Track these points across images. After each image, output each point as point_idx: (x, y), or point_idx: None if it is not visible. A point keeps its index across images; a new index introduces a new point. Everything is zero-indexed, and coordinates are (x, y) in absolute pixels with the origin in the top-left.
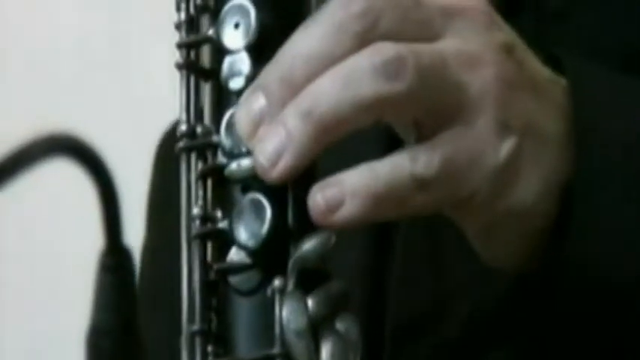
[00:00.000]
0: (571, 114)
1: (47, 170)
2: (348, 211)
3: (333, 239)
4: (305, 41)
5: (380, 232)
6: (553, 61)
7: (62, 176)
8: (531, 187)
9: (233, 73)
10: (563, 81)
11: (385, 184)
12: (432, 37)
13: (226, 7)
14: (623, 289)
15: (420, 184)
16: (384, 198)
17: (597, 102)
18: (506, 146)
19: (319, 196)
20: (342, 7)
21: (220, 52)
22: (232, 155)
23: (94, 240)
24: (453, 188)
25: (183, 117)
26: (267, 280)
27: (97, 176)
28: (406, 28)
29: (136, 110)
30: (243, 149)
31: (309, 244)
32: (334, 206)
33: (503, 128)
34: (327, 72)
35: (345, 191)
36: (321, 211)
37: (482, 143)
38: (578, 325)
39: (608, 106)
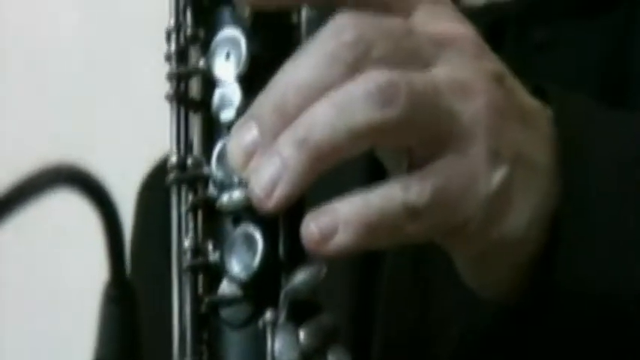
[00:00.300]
0: (557, 144)
1: (52, 201)
2: (342, 239)
3: (324, 271)
4: (297, 71)
5: (367, 259)
6: (539, 93)
7: (67, 207)
8: (523, 215)
9: (224, 105)
10: (549, 112)
11: (378, 213)
12: (423, 65)
13: (217, 38)
14: (612, 313)
15: (413, 212)
16: (377, 227)
17: (582, 130)
18: (498, 174)
19: (313, 225)
20: (333, 37)
21: (211, 83)
22: (223, 187)
23: (99, 271)
24: (445, 217)
25: (174, 148)
26: (258, 313)
27: (102, 207)
28: (398, 57)
29: (145, 147)
30: (235, 180)
31: (300, 277)
32: (328, 235)
33: (495, 157)
34: (320, 100)
35: (339, 220)
36: (315, 240)
37: (475, 171)
38: (567, 350)
39: (593, 134)
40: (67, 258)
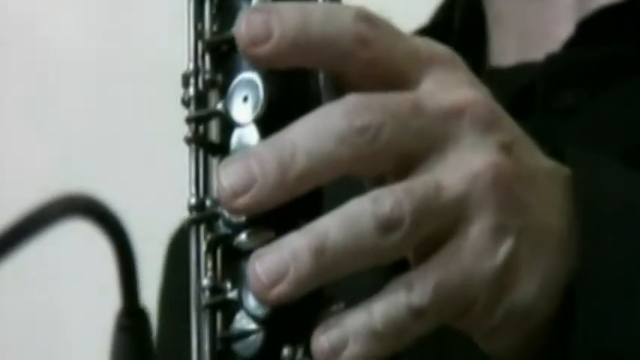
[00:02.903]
0: (572, 206)
1: (65, 230)
2: (352, 351)
3: (343, 307)
4: (306, 138)
5: None
6: (558, 154)
7: (80, 237)
8: (532, 284)
9: (241, 147)
10: (565, 172)
11: (383, 321)
12: (431, 146)
13: (235, 81)
14: None
15: (418, 313)
16: (384, 335)
17: (599, 191)
18: (504, 249)
19: (323, 339)
20: (345, 118)
21: (229, 125)
22: (231, 225)
23: (111, 301)
24: (450, 308)
25: (193, 190)
26: (275, 349)
27: (115, 237)
28: (406, 139)
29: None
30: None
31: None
32: (339, 348)
33: (500, 231)
34: (332, 214)
35: (348, 333)
36: (327, 354)
37: (479, 251)
38: None
39: (610, 195)
40: (79, 288)
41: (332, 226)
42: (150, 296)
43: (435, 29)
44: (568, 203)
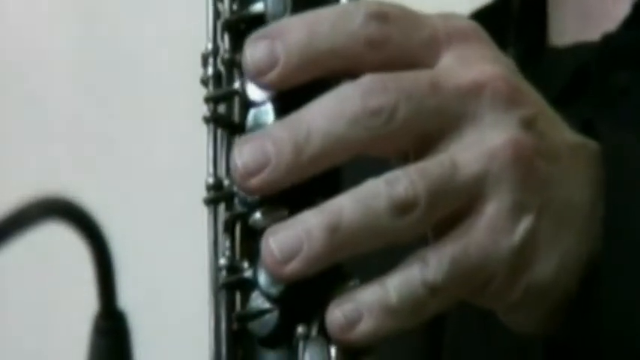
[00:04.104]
0: (600, 181)
1: (42, 233)
2: (367, 326)
3: (358, 284)
4: (319, 120)
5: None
6: (589, 130)
7: (57, 239)
8: (551, 264)
9: (257, 125)
10: (594, 147)
11: (398, 296)
12: (449, 125)
13: None
14: None
15: (433, 289)
16: (399, 310)
17: (629, 167)
18: (522, 227)
19: (338, 312)
20: (360, 99)
21: (246, 104)
22: (246, 203)
23: (88, 303)
24: (466, 285)
25: (210, 170)
26: (290, 327)
27: (92, 239)
28: (423, 119)
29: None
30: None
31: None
32: (353, 322)
33: (519, 209)
34: (348, 193)
35: (363, 307)
36: (342, 328)
37: (496, 230)
38: None
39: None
40: (57, 290)
41: (347, 206)
42: (128, 298)
43: (494, 9)
44: (594, 179)
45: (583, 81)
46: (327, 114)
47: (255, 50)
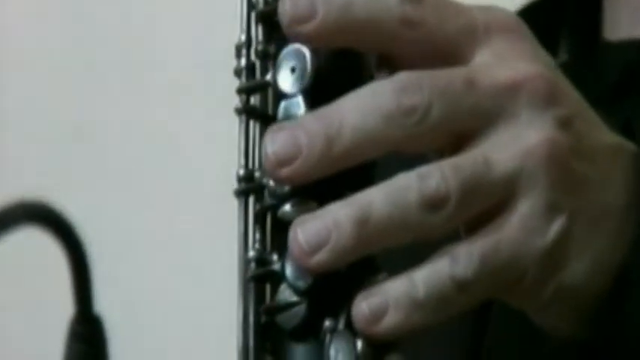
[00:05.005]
0: (637, 181)
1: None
2: (393, 320)
3: (387, 277)
4: (354, 112)
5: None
6: (629, 131)
7: (33, 243)
8: (583, 264)
9: (289, 117)
10: (634, 147)
11: (426, 292)
12: (484, 124)
13: (283, 52)
14: None
15: (462, 285)
16: (427, 305)
17: None
18: (555, 227)
19: (364, 305)
20: (394, 97)
21: (277, 96)
22: (275, 195)
23: (65, 308)
24: (496, 282)
25: (242, 161)
26: (317, 321)
27: (68, 243)
28: (457, 118)
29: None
30: (286, 189)
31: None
32: (379, 315)
33: (552, 209)
34: (379, 187)
35: (389, 300)
36: (367, 320)
37: (529, 227)
38: None
39: None
40: (33, 294)
41: (377, 199)
42: (104, 303)
43: (548, 1)
44: (631, 181)
45: (633, 77)
46: (360, 109)
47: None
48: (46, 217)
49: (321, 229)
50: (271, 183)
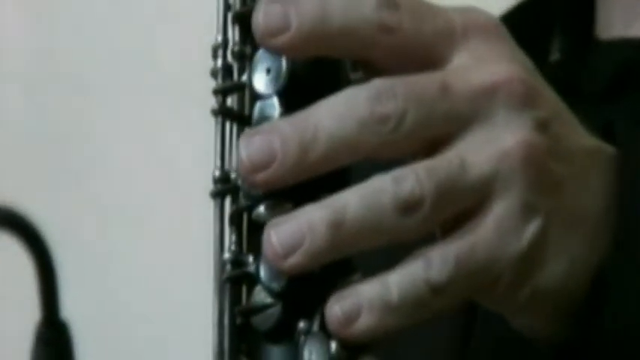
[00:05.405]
0: (615, 184)
1: None
2: (366, 322)
3: (360, 279)
4: (329, 118)
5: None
6: (609, 134)
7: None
8: (558, 268)
9: (263, 118)
10: (612, 150)
11: (400, 295)
12: (459, 128)
13: (259, 53)
14: None
15: (436, 288)
16: (400, 307)
17: None
18: (531, 229)
19: (337, 307)
20: (368, 104)
21: (252, 97)
22: (250, 197)
23: (31, 313)
24: (471, 285)
25: (218, 163)
26: (292, 322)
27: (34, 249)
28: (432, 124)
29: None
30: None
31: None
32: (352, 318)
33: (528, 211)
34: (352, 190)
35: (362, 302)
36: (340, 322)
37: (503, 231)
38: None
39: None
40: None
41: (351, 202)
42: (71, 307)
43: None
44: (609, 183)
45: (626, 78)
46: (335, 116)
47: (268, 11)
48: (12, 222)
49: (295, 232)
50: (245, 184)
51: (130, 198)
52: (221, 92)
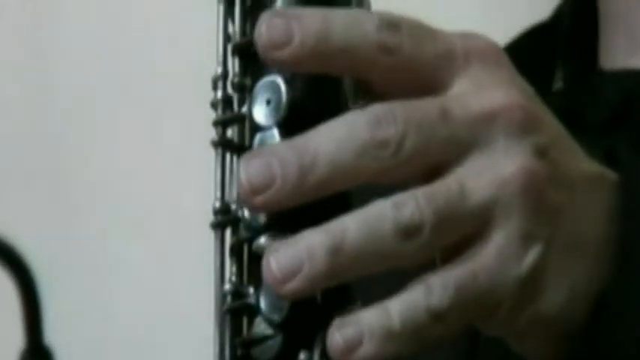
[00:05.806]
0: (616, 210)
1: None
2: (367, 351)
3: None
4: (328, 143)
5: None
6: (612, 160)
7: None
8: (558, 295)
9: None
10: (615, 176)
11: (401, 322)
12: (459, 154)
13: (259, 84)
14: None
15: (437, 315)
16: (402, 335)
17: None
18: (530, 256)
19: (338, 336)
20: (367, 129)
21: (252, 128)
22: (250, 228)
23: (15, 339)
24: (472, 312)
25: (218, 194)
26: (293, 353)
27: (18, 276)
28: (431, 149)
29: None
30: (261, 222)
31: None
32: (353, 346)
33: (528, 238)
34: (354, 214)
35: (363, 331)
36: (342, 351)
37: (503, 259)
38: None
39: None
40: None
41: (351, 227)
42: (54, 334)
43: (545, 28)
44: (611, 209)
45: (629, 108)
46: (334, 140)
47: (271, 25)
48: None
49: (294, 257)
50: (247, 215)
51: (120, 228)
52: (221, 124)
